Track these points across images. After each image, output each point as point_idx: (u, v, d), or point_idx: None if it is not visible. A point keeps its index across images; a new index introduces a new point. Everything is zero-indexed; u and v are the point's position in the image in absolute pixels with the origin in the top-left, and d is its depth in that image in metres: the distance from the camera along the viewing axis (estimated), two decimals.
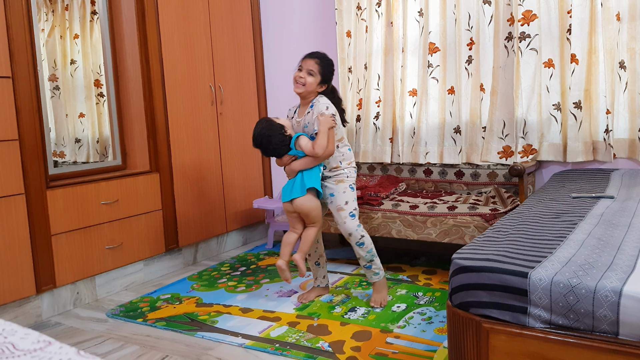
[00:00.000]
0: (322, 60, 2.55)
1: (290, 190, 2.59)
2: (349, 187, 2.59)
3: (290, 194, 2.58)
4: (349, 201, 2.58)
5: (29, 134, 2.63)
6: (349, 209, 2.58)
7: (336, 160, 2.60)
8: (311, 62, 2.53)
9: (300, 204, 2.57)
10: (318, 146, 2.48)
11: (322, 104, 2.55)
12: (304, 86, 2.53)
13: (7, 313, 2.59)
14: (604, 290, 1.33)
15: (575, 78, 3.01)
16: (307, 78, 2.52)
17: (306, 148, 2.52)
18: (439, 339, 2.26)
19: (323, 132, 2.47)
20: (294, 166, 2.56)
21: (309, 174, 2.57)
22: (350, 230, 2.57)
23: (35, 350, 0.96)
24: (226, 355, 2.24)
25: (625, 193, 2.41)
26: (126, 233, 3.12)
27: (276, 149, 2.55)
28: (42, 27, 2.98)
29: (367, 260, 2.62)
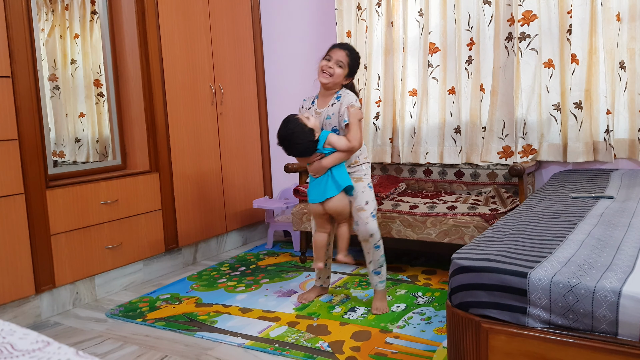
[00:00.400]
0: (352, 53, 2.48)
1: (324, 190, 2.48)
2: (367, 185, 2.54)
3: (324, 194, 2.47)
4: (369, 201, 2.52)
5: (28, 133, 2.63)
6: (370, 209, 2.52)
7: (355, 155, 2.53)
8: (341, 53, 2.44)
9: (334, 204, 2.48)
10: (354, 139, 2.41)
11: (351, 95, 2.48)
12: (332, 77, 2.45)
13: (6, 313, 2.59)
14: (603, 291, 1.33)
15: (576, 78, 3.01)
16: (336, 69, 2.44)
17: (339, 143, 2.42)
18: (438, 339, 2.26)
19: (356, 124, 2.41)
20: (325, 163, 2.44)
21: (338, 172, 2.47)
22: (372, 231, 2.52)
23: (34, 350, 0.96)
24: (225, 355, 2.24)
25: (624, 193, 2.41)
26: (126, 233, 3.12)
27: (303, 151, 2.45)
28: (42, 26, 2.98)
29: (379, 265, 2.58)
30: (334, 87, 2.50)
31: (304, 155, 2.47)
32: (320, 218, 2.58)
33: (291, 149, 2.44)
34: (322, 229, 2.61)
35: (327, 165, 2.44)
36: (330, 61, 2.45)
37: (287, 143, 2.43)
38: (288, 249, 3.83)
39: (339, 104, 2.47)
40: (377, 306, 2.59)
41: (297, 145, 2.42)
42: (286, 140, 2.43)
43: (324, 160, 2.44)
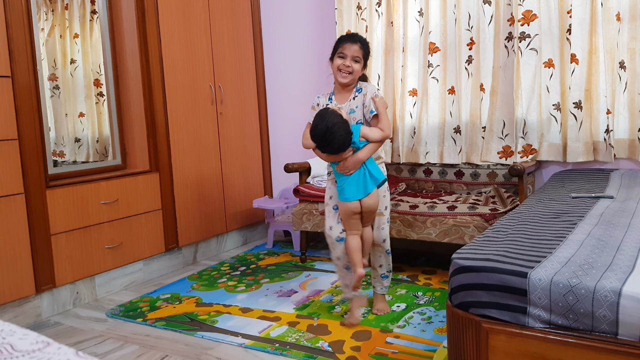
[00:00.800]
0: (364, 43, 2.37)
1: (364, 185, 2.34)
2: (386, 189, 2.48)
3: (365, 189, 2.34)
4: (387, 206, 2.49)
5: (28, 133, 2.63)
6: (387, 215, 2.48)
7: (379, 149, 2.46)
8: (355, 48, 2.33)
9: (373, 200, 2.36)
10: (386, 127, 2.33)
11: (372, 86, 2.40)
12: (351, 74, 2.35)
13: (6, 313, 2.59)
14: (603, 291, 1.33)
15: (576, 78, 3.01)
16: (354, 66, 2.33)
17: (373, 134, 2.32)
18: (438, 338, 2.26)
19: (385, 113, 2.34)
20: (362, 155, 2.31)
21: (372, 165, 2.37)
22: (385, 236, 2.49)
23: (33, 351, 0.96)
24: (226, 355, 2.24)
25: (624, 193, 2.41)
26: (126, 233, 3.12)
27: (342, 144, 2.27)
28: (41, 26, 2.98)
29: (388, 269, 2.56)
30: (352, 83, 2.41)
31: (342, 149, 2.29)
32: (353, 218, 2.39)
33: (332, 143, 2.25)
34: (355, 230, 2.42)
35: (364, 157, 2.32)
36: (345, 58, 2.34)
37: (328, 136, 2.23)
38: (288, 249, 3.83)
39: (362, 96, 2.38)
40: (379, 307, 2.58)
41: (339, 137, 2.24)
42: (328, 133, 2.23)
43: (359, 153, 2.31)
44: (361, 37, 2.40)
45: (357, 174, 2.35)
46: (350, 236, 2.43)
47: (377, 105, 2.34)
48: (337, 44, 2.40)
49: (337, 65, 2.36)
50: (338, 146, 2.27)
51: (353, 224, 2.42)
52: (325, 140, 2.26)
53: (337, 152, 2.31)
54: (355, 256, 2.40)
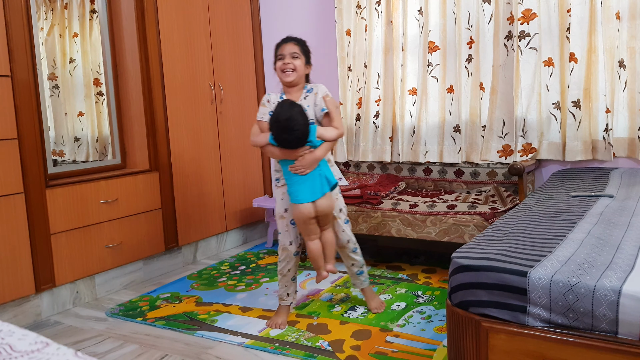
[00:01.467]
0: (299, 41, 2.39)
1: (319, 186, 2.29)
2: (338, 192, 2.49)
3: (320, 190, 2.29)
4: (342, 208, 2.50)
5: (28, 133, 2.63)
6: (343, 217, 2.50)
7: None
8: (290, 45, 2.36)
9: (327, 203, 2.32)
10: (340, 125, 2.34)
11: (323, 86, 2.41)
12: (295, 71, 2.35)
13: (6, 312, 2.59)
14: (603, 290, 1.33)
15: (574, 77, 3.01)
16: (295, 62, 2.34)
17: (328, 133, 2.31)
18: (438, 337, 2.26)
19: (336, 112, 2.35)
20: (319, 153, 2.28)
21: (326, 167, 2.36)
22: (349, 236, 2.51)
23: (32, 351, 0.95)
24: (226, 354, 2.24)
25: (624, 192, 2.41)
26: (126, 232, 3.12)
27: (300, 138, 2.23)
28: (41, 25, 2.98)
29: (361, 264, 2.57)
30: (299, 81, 2.40)
31: (299, 144, 2.25)
32: (308, 223, 2.34)
33: (293, 131, 2.20)
34: (314, 235, 2.38)
35: (321, 155, 2.29)
36: (284, 59, 2.35)
37: (291, 124, 2.19)
38: None
39: (313, 95, 2.38)
40: (374, 305, 2.59)
41: (300, 126, 2.20)
42: (289, 121, 2.19)
43: (317, 150, 2.28)
44: (295, 37, 2.43)
45: (312, 174, 2.29)
46: (311, 242, 2.38)
47: (327, 104, 2.34)
48: (275, 49, 2.43)
49: (279, 67, 2.38)
50: (299, 136, 2.22)
51: (311, 229, 2.36)
52: (287, 128, 2.20)
53: (296, 145, 2.24)
54: (318, 261, 2.40)
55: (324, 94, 2.38)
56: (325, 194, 2.32)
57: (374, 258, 3.48)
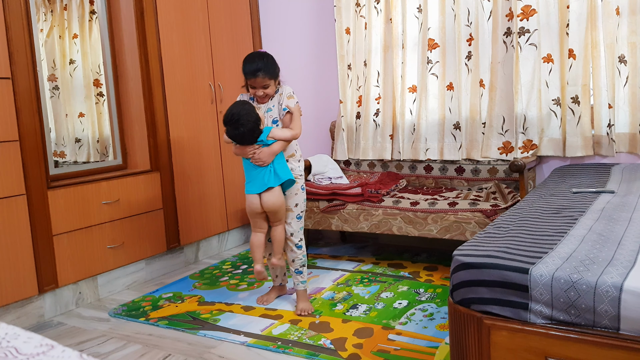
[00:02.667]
0: (265, 69, 2.44)
1: (265, 180, 2.46)
2: (300, 188, 2.59)
3: (265, 183, 2.45)
4: (299, 203, 2.60)
5: (29, 134, 2.63)
6: (297, 211, 2.60)
7: (292, 147, 2.59)
8: (259, 80, 2.45)
9: (272, 199, 2.47)
10: (297, 126, 2.50)
11: (288, 87, 2.56)
12: (267, 97, 2.53)
13: (9, 314, 2.60)
14: (604, 286, 1.33)
15: (573, 73, 3.01)
16: (267, 91, 2.49)
17: (283, 134, 2.47)
18: (440, 335, 2.27)
19: (297, 115, 2.51)
20: (275, 147, 2.45)
21: (280, 164, 2.49)
22: (293, 230, 2.60)
23: (37, 354, 0.96)
24: (228, 354, 2.25)
25: (625, 188, 2.41)
26: (127, 232, 3.12)
27: (245, 133, 2.40)
28: (41, 27, 2.98)
29: (301, 264, 2.64)
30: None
31: (246, 139, 2.42)
32: (256, 217, 2.54)
33: (237, 128, 2.39)
34: (258, 228, 2.58)
35: (277, 150, 2.46)
36: (256, 89, 2.48)
37: (236, 119, 2.38)
38: None
39: (279, 95, 2.55)
40: (301, 307, 2.61)
41: (245, 124, 2.38)
42: (237, 116, 2.38)
43: (274, 145, 2.45)
44: (260, 64, 2.45)
45: (264, 168, 2.47)
46: (253, 233, 2.60)
47: (290, 107, 2.50)
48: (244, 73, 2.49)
49: (253, 94, 2.53)
50: (243, 133, 2.39)
51: (257, 222, 2.57)
52: (232, 122, 2.39)
53: (243, 141, 2.43)
54: (258, 252, 2.57)
55: (288, 94, 2.54)
56: (271, 189, 2.47)
57: (375, 256, 3.48)
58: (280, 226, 2.58)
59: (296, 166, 2.60)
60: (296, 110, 2.52)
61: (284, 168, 2.50)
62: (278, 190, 2.50)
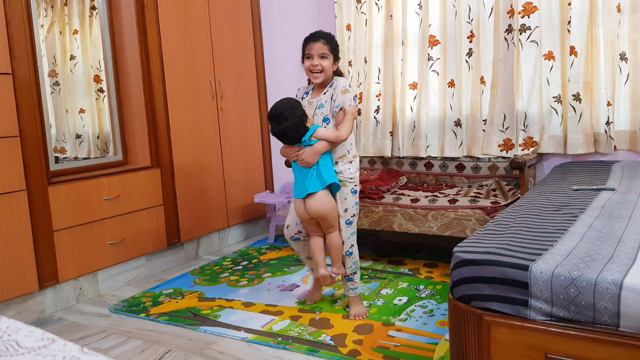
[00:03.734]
0: (327, 38, 2.37)
1: (307, 184, 2.32)
2: (350, 192, 2.43)
3: (307, 188, 2.33)
4: (348, 208, 2.44)
5: (29, 130, 2.63)
6: (347, 217, 2.44)
7: (344, 147, 2.42)
8: (319, 45, 2.34)
9: (316, 204, 2.33)
10: (344, 128, 2.32)
11: (344, 80, 2.39)
12: (322, 72, 2.35)
13: (10, 309, 2.61)
14: (604, 283, 1.33)
15: (574, 70, 3.01)
16: (323, 63, 2.33)
17: (327, 134, 2.31)
18: (440, 331, 2.27)
19: (349, 118, 2.33)
20: (319, 147, 2.30)
21: (325, 166, 2.34)
22: (343, 238, 2.45)
23: (39, 347, 0.96)
24: (229, 349, 2.25)
25: (626, 185, 2.41)
26: (128, 228, 3.12)
27: (289, 129, 2.28)
28: (41, 23, 2.98)
29: (352, 272, 2.49)
30: (327, 81, 2.42)
31: (289, 135, 2.31)
32: (305, 223, 2.44)
33: (281, 123, 2.29)
34: (313, 232, 2.47)
35: (321, 149, 2.31)
36: (312, 58, 2.35)
37: (279, 113, 2.29)
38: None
39: (332, 90, 2.40)
40: (354, 312, 2.49)
41: (289, 118, 2.27)
42: (280, 109, 2.29)
43: (317, 144, 2.31)
44: (324, 32, 2.40)
45: (307, 171, 2.35)
46: (311, 237, 2.49)
47: (344, 105, 2.34)
48: (303, 46, 2.41)
49: (307, 67, 2.38)
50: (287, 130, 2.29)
51: (310, 227, 2.46)
52: (276, 118, 2.30)
53: (284, 139, 2.34)
54: (317, 256, 2.46)
55: (343, 88, 2.36)
56: (314, 194, 2.33)
57: (375, 253, 3.49)
58: (334, 232, 2.42)
59: (345, 168, 2.42)
60: (350, 112, 2.33)
61: (328, 170, 2.34)
62: (323, 195, 2.34)
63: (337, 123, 2.37)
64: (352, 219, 2.46)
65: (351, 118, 2.35)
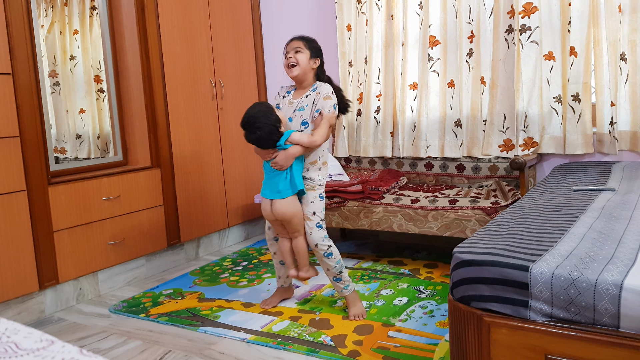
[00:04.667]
0: (304, 37, 2.46)
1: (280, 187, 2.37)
2: (318, 196, 2.45)
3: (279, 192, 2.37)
4: (316, 212, 2.44)
5: (29, 130, 2.63)
6: (316, 220, 2.43)
7: (317, 153, 2.44)
8: (295, 42, 2.43)
9: (280, 210, 2.37)
10: (318, 135, 2.34)
11: (327, 87, 2.42)
12: (298, 65, 2.39)
13: (10, 309, 2.61)
14: (604, 284, 1.33)
15: (574, 71, 3.00)
16: (297, 56, 2.39)
17: (302, 139, 2.33)
18: (440, 332, 2.27)
19: (325, 124, 2.35)
20: (293, 151, 2.33)
21: (298, 172, 2.38)
22: (316, 241, 2.43)
23: (38, 349, 0.96)
24: (228, 350, 2.25)
25: (626, 186, 2.41)
26: (128, 229, 3.12)
27: (262, 137, 2.32)
28: (41, 23, 2.98)
29: (336, 272, 2.47)
30: (305, 78, 2.44)
31: (263, 142, 2.34)
32: (273, 223, 2.48)
33: (254, 132, 2.32)
34: (281, 235, 2.52)
35: (294, 154, 2.34)
36: (288, 54, 2.42)
37: (252, 122, 2.31)
38: None
39: (314, 94, 2.41)
40: (353, 313, 2.47)
41: (262, 127, 2.30)
42: (253, 118, 2.31)
43: (291, 148, 2.33)
44: (303, 35, 2.49)
45: (279, 174, 2.39)
46: (280, 239, 2.55)
47: (323, 110, 2.37)
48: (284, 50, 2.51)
49: (284, 64, 2.45)
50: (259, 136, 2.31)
51: (277, 229, 2.52)
52: (248, 126, 2.34)
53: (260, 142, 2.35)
54: (287, 258, 2.54)
55: (325, 94, 2.39)
56: (284, 200, 2.37)
57: (375, 253, 3.49)
58: (299, 238, 2.46)
59: (315, 175, 2.45)
60: (327, 117, 2.36)
61: (299, 176, 2.40)
62: (290, 199, 2.38)
63: (315, 128, 2.40)
64: (322, 223, 2.47)
65: (327, 124, 2.37)
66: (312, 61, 2.44)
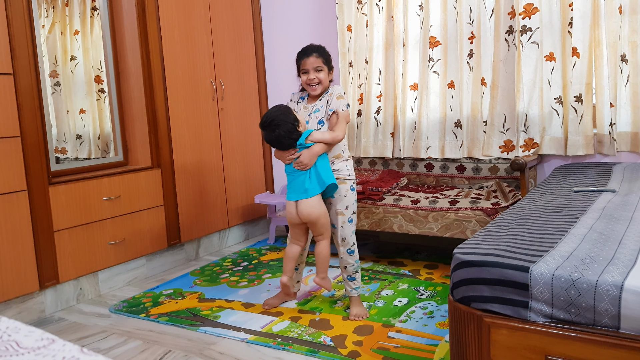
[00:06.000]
0: (319, 51, 2.47)
1: (306, 187, 2.34)
2: (349, 189, 2.46)
3: (305, 191, 2.35)
4: (349, 205, 2.47)
5: (30, 130, 2.64)
6: (348, 214, 2.47)
7: (339, 147, 2.47)
8: (313, 59, 2.43)
9: (306, 211, 2.36)
10: (340, 130, 2.37)
11: (339, 87, 2.48)
12: (320, 84, 2.44)
13: (10, 309, 2.61)
14: (605, 285, 1.33)
15: (576, 72, 3.00)
16: (319, 75, 2.43)
17: (323, 136, 2.36)
18: (440, 333, 2.27)
19: (342, 121, 2.39)
20: (316, 149, 2.35)
21: (323, 168, 2.36)
22: (345, 235, 2.47)
23: (39, 348, 0.96)
24: (229, 350, 2.25)
25: (627, 187, 2.41)
26: (128, 229, 3.12)
27: (282, 136, 2.33)
28: (42, 23, 2.98)
29: (353, 271, 2.51)
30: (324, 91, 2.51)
31: (282, 141, 2.35)
32: (296, 227, 2.47)
33: (273, 130, 2.34)
34: (295, 240, 2.51)
35: (319, 151, 2.36)
36: (309, 73, 2.44)
37: (270, 121, 2.33)
38: None
39: (328, 95, 2.48)
40: (354, 313, 2.48)
41: (281, 125, 2.32)
42: (271, 117, 2.33)
43: (314, 146, 2.35)
44: (315, 46, 2.49)
45: (303, 174, 2.38)
46: (290, 244, 2.53)
47: (337, 109, 2.41)
48: (297, 61, 2.50)
49: (304, 81, 2.47)
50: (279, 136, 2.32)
51: (295, 233, 2.50)
52: (268, 128, 2.35)
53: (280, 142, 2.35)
54: (288, 264, 2.50)
55: (338, 94, 2.45)
56: (310, 201, 2.36)
57: (376, 254, 3.49)
58: (323, 241, 2.44)
59: (342, 166, 2.47)
60: (343, 115, 2.40)
61: (327, 171, 2.37)
62: (316, 200, 2.36)
63: (330, 126, 2.44)
64: (353, 217, 2.49)
65: (344, 121, 2.42)
66: (329, 74, 2.50)
